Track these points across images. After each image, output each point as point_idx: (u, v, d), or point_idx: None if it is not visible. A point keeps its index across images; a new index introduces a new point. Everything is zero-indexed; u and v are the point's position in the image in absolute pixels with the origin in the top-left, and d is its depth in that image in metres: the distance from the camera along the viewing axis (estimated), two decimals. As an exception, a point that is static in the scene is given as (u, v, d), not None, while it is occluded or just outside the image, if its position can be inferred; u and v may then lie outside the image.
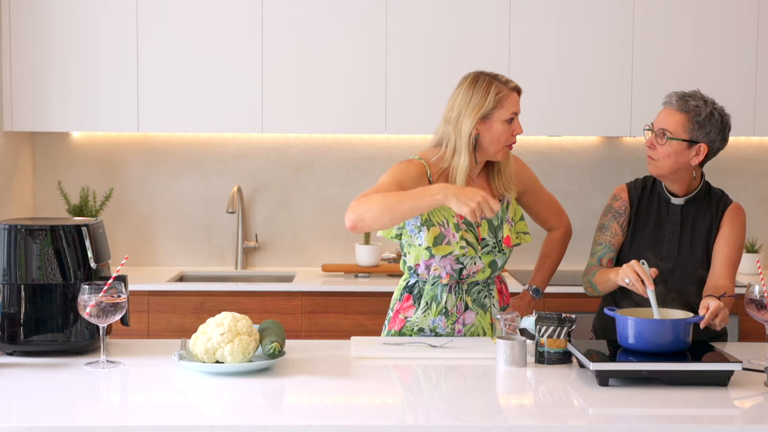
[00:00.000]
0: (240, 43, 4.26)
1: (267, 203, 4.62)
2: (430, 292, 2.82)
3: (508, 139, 2.76)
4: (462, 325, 2.83)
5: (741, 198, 4.37)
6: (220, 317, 2.42)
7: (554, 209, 3.04)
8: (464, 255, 2.76)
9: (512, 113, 2.74)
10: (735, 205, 2.87)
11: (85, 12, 4.23)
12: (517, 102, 2.76)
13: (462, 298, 2.83)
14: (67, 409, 2.12)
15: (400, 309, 2.88)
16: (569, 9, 4.29)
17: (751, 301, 2.56)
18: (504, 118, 2.74)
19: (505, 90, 2.74)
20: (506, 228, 2.83)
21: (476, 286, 2.85)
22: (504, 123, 2.74)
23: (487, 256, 2.81)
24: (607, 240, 2.87)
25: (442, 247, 2.75)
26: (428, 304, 2.82)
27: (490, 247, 2.80)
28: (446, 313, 2.82)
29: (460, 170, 2.75)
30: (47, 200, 4.57)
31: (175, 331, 3.98)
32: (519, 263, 4.61)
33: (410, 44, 4.26)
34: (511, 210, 2.86)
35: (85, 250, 2.58)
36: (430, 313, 2.82)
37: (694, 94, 2.79)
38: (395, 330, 2.87)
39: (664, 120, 2.78)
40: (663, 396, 2.24)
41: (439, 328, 2.82)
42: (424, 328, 2.83)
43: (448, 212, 2.77)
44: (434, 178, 2.77)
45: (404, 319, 2.86)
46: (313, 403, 2.20)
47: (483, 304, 2.86)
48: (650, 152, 2.80)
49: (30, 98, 4.24)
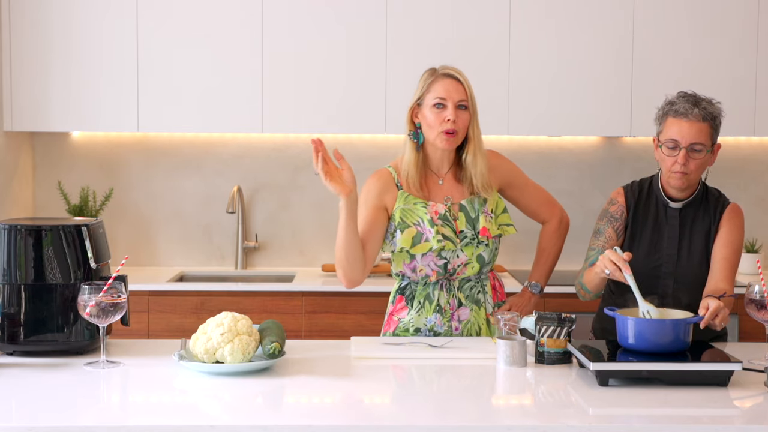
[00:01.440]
0: (240, 43, 4.26)
1: (267, 203, 4.63)
2: (423, 291, 2.83)
3: (440, 124, 2.74)
4: (458, 322, 2.83)
5: (741, 198, 4.37)
6: (220, 317, 2.42)
7: (544, 200, 3.00)
8: (443, 249, 2.77)
9: (438, 97, 2.74)
10: (733, 206, 2.87)
11: (85, 12, 4.23)
12: (448, 88, 2.74)
13: (454, 295, 2.83)
14: (67, 409, 2.12)
15: (393, 311, 2.88)
16: (569, 9, 4.29)
17: (751, 301, 2.56)
18: (431, 102, 2.75)
19: (435, 76, 2.77)
20: (482, 219, 2.81)
21: (468, 282, 2.85)
22: (432, 108, 2.75)
23: (468, 248, 2.80)
24: (601, 245, 2.86)
25: (420, 246, 2.76)
26: (421, 304, 2.83)
27: (469, 239, 2.80)
28: (440, 311, 2.82)
29: (405, 162, 2.81)
30: (47, 200, 4.57)
31: (175, 331, 3.98)
32: (519, 263, 4.61)
33: (410, 45, 4.27)
34: (491, 203, 2.85)
35: (85, 250, 2.58)
36: (424, 312, 2.82)
37: (700, 99, 2.76)
38: (390, 332, 2.88)
39: (691, 134, 2.72)
40: (663, 396, 2.24)
41: (437, 326, 2.82)
42: (420, 328, 2.83)
43: (421, 211, 2.79)
44: (401, 181, 2.82)
45: (398, 321, 2.86)
46: (313, 403, 2.20)
47: (477, 300, 2.85)
48: (682, 169, 2.73)
49: (30, 98, 4.24)
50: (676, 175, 2.76)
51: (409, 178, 2.81)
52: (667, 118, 2.77)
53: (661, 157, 2.78)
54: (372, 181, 2.83)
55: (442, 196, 2.82)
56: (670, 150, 2.75)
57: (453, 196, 2.83)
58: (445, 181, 2.84)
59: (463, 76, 2.77)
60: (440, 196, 2.82)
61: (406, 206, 2.80)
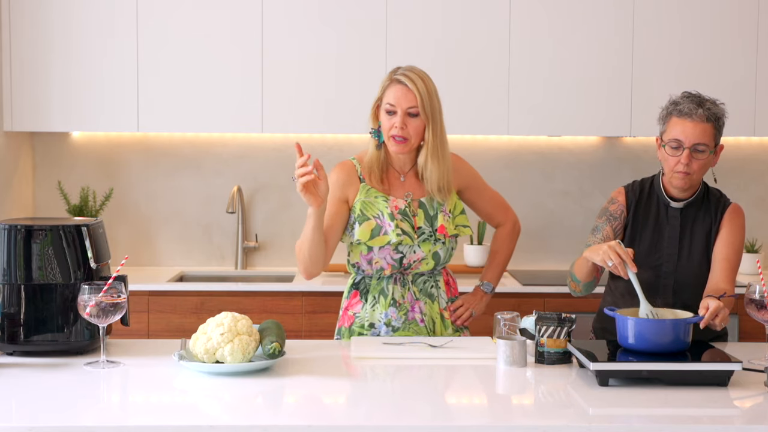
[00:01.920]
0: (240, 42, 4.26)
1: (267, 203, 4.63)
2: (377, 286, 2.86)
3: (390, 129, 2.78)
4: (421, 314, 2.87)
5: (741, 198, 4.37)
6: (220, 317, 2.42)
7: (500, 205, 3.07)
8: (401, 243, 2.80)
9: (388, 103, 2.77)
10: (734, 206, 2.87)
11: (85, 12, 4.23)
12: (397, 95, 2.76)
13: (409, 288, 2.87)
14: (67, 409, 2.12)
15: (348, 306, 2.92)
16: (569, 9, 4.29)
17: (751, 301, 2.56)
18: (384, 107, 2.80)
19: (391, 80, 2.80)
20: (441, 217, 2.86)
21: (421, 277, 2.89)
22: (384, 113, 2.80)
23: (425, 244, 2.84)
24: (597, 242, 2.86)
25: (379, 238, 2.80)
26: (376, 298, 2.86)
27: (426, 236, 2.84)
28: (396, 305, 2.85)
29: (368, 157, 2.86)
30: (47, 200, 4.57)
31: (175, 331, 3.98)
32: (519, 263, 4.61)
33: (410, 44, 4.26)
34: (450, 204, 2.89)
35: (85, 250, 2.58)
36: (379, 307, 2.86)
37: (704, 99, 2.76)
38: (345, 327, 2.91)
39: (694, 134, 2.72)
40: (663, 396, 2.24)
41: (393, 321, 2.85)
42: (374, 323, 2.86)
43: (382, 204, 2.82)
44: (364, 174, 2.86)
45: (353, 316, 2.90)
46: (313, 403, 2.20)
47: (430, 294, 2.90)
48: (685, 169, 2.74)
49: (30, 98, 4.24)
50: (678, 175, 2.75)
51: (371, 173, 2.86)
52: (670, 118, 2.77)
53: (664, 156, 2.78)
54: (336, 172, 2.87)
55: (402, 192, 2.87)
56: (673, 150, 2.75)
57: (414, 192, 2.88)
58: (407, 178, 2.89)
59: (415, 83, 2.75)
60: (401, 192, 2.87)
61: (367, 199, 2.84)
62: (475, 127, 4.33)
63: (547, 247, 4.65)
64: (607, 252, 2.58)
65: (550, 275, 4.37)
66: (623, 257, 2.56)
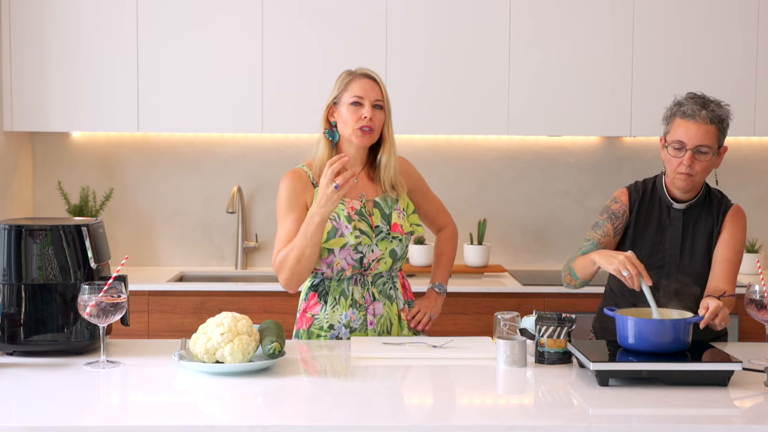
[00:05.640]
0: (240, 42, 4.26)
1: (267, 203, 4.63)
2: (338, 287, 2.88)
3: (356, 122, 2.82)
4: (373, 316, 2.89)
5: (741, 198, 4.37)
6: (220, 317, 2.42)
7: (442, 209, 3.14)
8: (360, 243, 2.83)
9: (355, 96, 2.83)
10: (736, 208, 2.87)
11: (85, 12, 4.23)
12: (365, 87, 2.84)
13: (369, 289, 2.89)
14: (67, 409, 2.12)
15: (306, 308, 2.93)
16: (569, 9, 4.29)
17: (751, 301, 2.56)
18: (348, 101, 2.84)
19: (353, 76, 2.87)
20: (395, 215, 2.91)
21: (381, 278, 2.92)
22: (350, 106, 2.83)
23: (383, 243, 2.87)
24: (597, 238, 2.87)
25: (336, 240, 2.82)
26: (336, 300, 2.88)
27: (384, 234, 2.88)
28: (356, 305, 2.87)
29: (319, 160, 2.88)
30: (47, 200, 4.57)
31: (175, 331, 3.98)
32: (519, 263, 4.61)
33: (410, 45, 4.27)
34: (403, 202, 2.95)
35: (85, 250, 2.58)
36: (340, 308, 2.87)
37: (708, 101, 2.75)
38: (303, 329, 2.92)
39: (698, 136, 2.72)
40: (663, 396, 2.24)
41: (353, 322, 2.86)
42: (334, 324, 2.87)
43: (338, 206, 2.85)
44: (317, 179, 2.88)
45: (311, 318, 2.90)
46: (313, 403, 2.20)
47: (389, 296, 2.92)
48: (688, 170, 2.74)
49: (30, 98, 4.25)
50: (681, 176, 2.75)
51: (316, 171, 2.89)
52: (674, 119, 2.77)
53: (667, 157, 2.79)
54: (290, 181, 2.88)
55: (356, 194, 2.90)
56: (676, 151, 2.75)
57: (367, 193, 2.92)
58: (359, 179, 2.91)
59: (379, 78, 2.88)
60: (354, 193, 2.90)
61: None
62: (475, 127, 4.33)
63: (547, 247, 4.65)
64: (624, 262, 2.58)
65: (550, 275, 4.37)
66: (639, 269, 2.56)
